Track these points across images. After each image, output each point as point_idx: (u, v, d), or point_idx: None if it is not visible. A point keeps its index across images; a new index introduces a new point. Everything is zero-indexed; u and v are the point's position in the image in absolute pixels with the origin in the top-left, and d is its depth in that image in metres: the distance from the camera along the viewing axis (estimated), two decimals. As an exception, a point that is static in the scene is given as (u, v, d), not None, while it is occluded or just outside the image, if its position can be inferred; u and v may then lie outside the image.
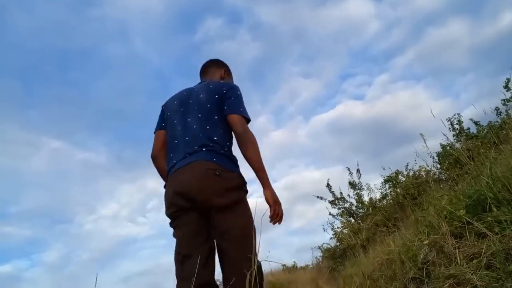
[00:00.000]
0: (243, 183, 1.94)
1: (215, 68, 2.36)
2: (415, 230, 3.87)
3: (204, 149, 1.89)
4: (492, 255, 2.12)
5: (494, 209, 2.37)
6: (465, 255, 2.25)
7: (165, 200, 1.95)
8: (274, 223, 1.89)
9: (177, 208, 1.87)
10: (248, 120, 2.02)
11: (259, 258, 1.75)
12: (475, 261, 2.13)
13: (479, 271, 2.05)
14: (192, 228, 1.84)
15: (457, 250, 2.28)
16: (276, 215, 1.88)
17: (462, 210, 2.47)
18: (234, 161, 1.97)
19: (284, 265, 13.68)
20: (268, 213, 1.87)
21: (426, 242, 2.56)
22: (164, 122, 2.16)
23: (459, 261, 2.19)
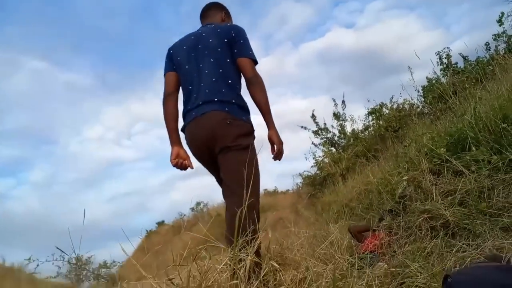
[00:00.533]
0: (252, 129, 2.08)
1: (214, 11, 2.38)
2: (395, 164, 4.00)
3: (216, 99, 2.00)
4: (466, 193, 2.22)
5: (473, 149, 2.43)
6: (441, 191, 2.35)
7: (189, 148, 2.14)
8: (276, 160, 2.13)
9: (198, 156, 2.12)
10: (256, 63, 2.11)
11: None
12: (450, 198, 2.23)
13: (452, 207, 2.16)
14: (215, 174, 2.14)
15: (434, 187, 2.38)
16: (280, 153, 2.09)
17: (442, 148, 2.53)
18: (244, 108, 2.09)
19: (265, 189, 14.26)
20: (269, 150, 2.11)
21: (405, 177, 2.65)
22: (174, 66, 2.20)
23: (434, 197, 2.29)
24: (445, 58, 7.08)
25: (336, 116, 8.59)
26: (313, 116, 8.79)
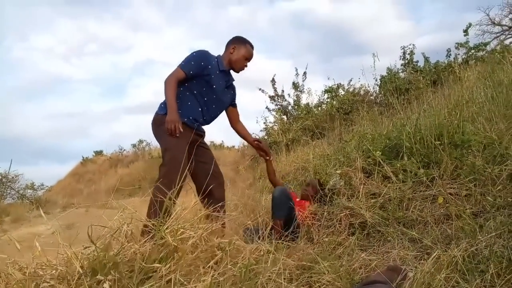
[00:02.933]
0: (161, 119, 2.41)
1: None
2: (335, 150, 4.16)
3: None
4: (388, 199, 2.38)
5: (405, 158, 2.59)
6: (366, 191, 2.51)
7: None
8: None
9: None
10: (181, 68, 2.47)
11: None
12: (373, 200, 2.38)
13: (373, 209, 2.31)
14: None
15: (361, 186, 2.53)
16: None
17: (378, 152, 2.67)
18: (162, 104, 2.50)
19: (212, 141, 14.30)
20: None
21: (339, 171, 2.78)
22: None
23: (360, 196, 2.44)
24: (408, 54, 7.28)
25: (295, 86, 8.64)
26: (273, 81, 8.77)
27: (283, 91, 8.69)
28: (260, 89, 8.75)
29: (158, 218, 1.58)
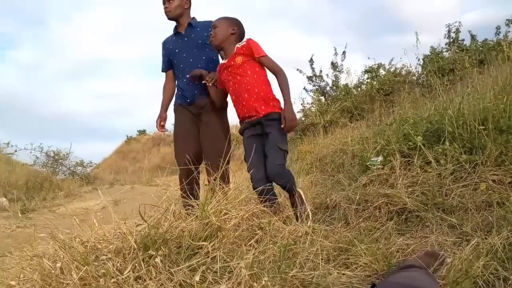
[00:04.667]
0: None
1: None
2: (375, 133, 4.12)
3: None
4: (428, 184, 2.36)
5: (447, 143, 2.54)
6: (406, 176, 2.50)
7: None
8: None
9: None
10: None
11: None
12: (413, 187, 2.38)
13: (413, 195, 2.31)
14: None
15: (401, 171, 2.52)
16: None
17: (419, 137, 2.63)
18: None
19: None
20: None
21: (380, 159, 2.78)
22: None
23: (399, 182, 2.44)
24: (454, 32, 6.95)
25: (334, 66, 8.50)
26: (311, 61, 8.67)
27: (321, 71, 8.59)
28: (297, 69, 8.69)
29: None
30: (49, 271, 1.11)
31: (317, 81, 8.60)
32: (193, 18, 2.82)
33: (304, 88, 8.60)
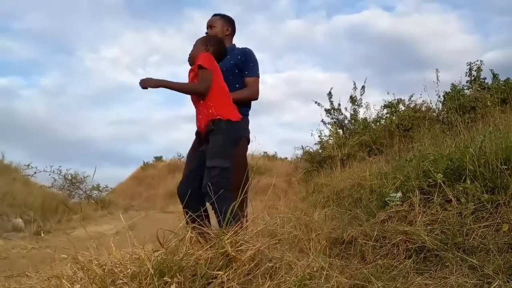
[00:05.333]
0: None
1: None
2: (394, 168, 4.08)
3: None
4: (448, 222, 2.31)
5: (468, 181, 2.49)
6: (425, 214, 2.45)
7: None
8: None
9: None
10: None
11: None
12: (433, 226, 2.32)
13: (432, 233, 2.26)
14: None
15: (420, 209, 2.48)
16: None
17: (439, 174, 2.60)
18: None
19: (265, 152, 14.44)
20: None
21: (398, 195, 2.74)
22: None
23: (418, 219, 2.39)
24: (475, 70, 6.94)
25: (353, 100, 8.55)
26: (329, 94, 8.76)
27: (339, 104, 8.65)
28: (316, 102, 8.78)
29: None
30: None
31: (335, 114, 8.64)
32: (233, 45, 3.01)
33: (322, 121, 8.65)
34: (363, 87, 8.55)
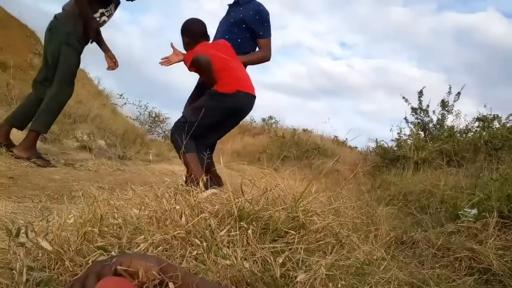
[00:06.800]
0: None
1: None
2: (472, 184, 3.88)
3: None
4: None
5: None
6: (499, 238, 2.34)
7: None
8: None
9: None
10: None
11: None
12: (505, 252, 2.22)
13: (504, 260, 2.17)
14: None
15: (496, 231, 2.37)
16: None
17: (527, 201, 2.45)
18: None
19: (336, 136, 14.23)
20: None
21: (474, 211, 2.63)
22: None
23: (489, 241, 2.30)
24: None
25: (444, 104, 8.07)
26: (420, 93, 8.34)
27: (428, 105, 8.22)
28: (403, 97, 8.42)
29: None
30: (166, 209, 1.29)
31: (421, 114, 8.24)
32: None
33: (405, 118, 8.31)
34: (458, 93, 8.02)
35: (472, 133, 7.43)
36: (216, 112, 2.79)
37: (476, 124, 7.47)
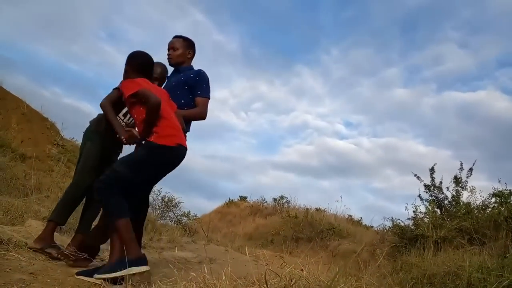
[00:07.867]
0: None
1: None
2: (499, 264, 3.72)
3: None
4: None
5: None
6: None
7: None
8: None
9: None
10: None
11: None
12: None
13: None
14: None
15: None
16: None
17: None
18: None
19: (350, 215, 13.97)
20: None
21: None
22: None
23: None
24: None
25: (457, 180, 8.02)
26: (431, 170, 8.35)
27: (441, 182, 8.17)
28: (415, 175, 8.42)
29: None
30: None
31: (435, 191, 8.17)
32: (191, 66, 3.24)
33: (419, 196, 8.22)
34: (470, 169, 8.01)
35: (490, 209, 7.26)
36: (154, 167, 2.59)
37: (493, 199, 7.34)
